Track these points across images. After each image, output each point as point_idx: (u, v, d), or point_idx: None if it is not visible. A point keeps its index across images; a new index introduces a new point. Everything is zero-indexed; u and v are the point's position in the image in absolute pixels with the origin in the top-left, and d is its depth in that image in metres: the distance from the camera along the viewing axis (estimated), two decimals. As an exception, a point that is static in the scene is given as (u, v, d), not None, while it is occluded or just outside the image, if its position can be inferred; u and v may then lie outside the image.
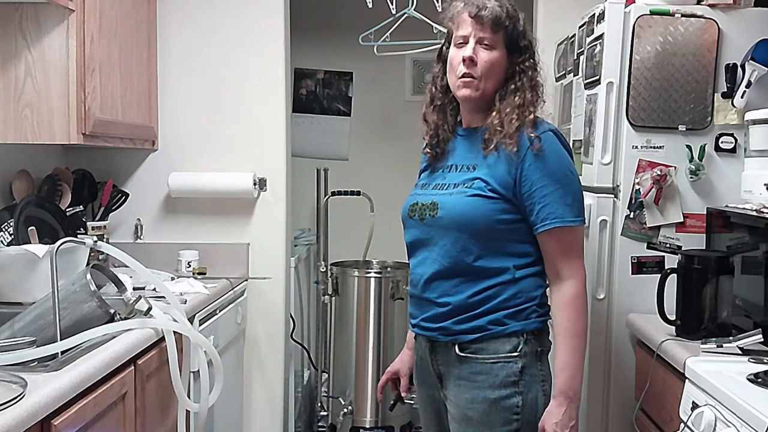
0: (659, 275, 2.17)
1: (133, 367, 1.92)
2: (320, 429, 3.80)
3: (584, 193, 2.45)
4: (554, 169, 1.75)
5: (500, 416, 1.75)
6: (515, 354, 1.75)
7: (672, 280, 2.13)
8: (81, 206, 2.82)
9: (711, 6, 2.31)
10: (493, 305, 1.76)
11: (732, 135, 2.31)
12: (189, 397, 2.20)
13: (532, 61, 1.83)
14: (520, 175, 1.75)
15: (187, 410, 2.20)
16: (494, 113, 1.79)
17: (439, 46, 1.94)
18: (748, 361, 1.83)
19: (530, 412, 1.76)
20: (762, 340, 1.90)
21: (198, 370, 2.26)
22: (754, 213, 2.01)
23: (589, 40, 2.49)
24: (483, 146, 1.80)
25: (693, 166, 2.30)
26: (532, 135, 1.75)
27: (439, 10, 1.89)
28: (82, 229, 2.73)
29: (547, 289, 1.83)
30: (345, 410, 3.58)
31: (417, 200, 1.87)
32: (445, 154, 1.91)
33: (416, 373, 1.98)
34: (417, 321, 1.87)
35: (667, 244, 2.35)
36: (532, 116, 1.77)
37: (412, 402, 1.98)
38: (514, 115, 1.76)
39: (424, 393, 1.96)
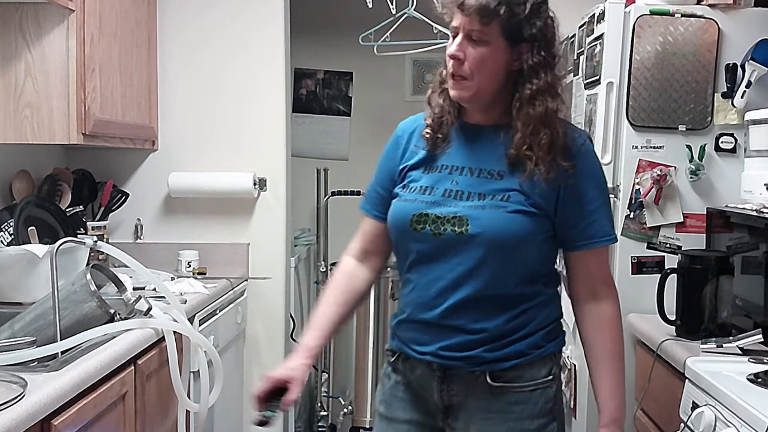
0: (659, 275, 2.17)
1: (133, 367, 1.92)
2: (320, 429, 3.80)
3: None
4: (601, 182, 1.59)
5: None
6: (550, 378, 1.59)
7: (672, 280, 2.13)
8: (81, 206, 2.82)
9: (711, 6, 2.31)
10: (531, 328, 1.58)
11: (732, 135, 2.31)
12: (189, 397, 2.20)
13: (543, 53, 1.52)
14: (566, 187, 1.54)
15: (187, 410, 2.21)
16: (516, 131, 1.53)
17: None
18: (748, 361, 1.83)
19: None
20: (762, 340, 1.90)
21: (198, 370, 2.26)
22: (754, 213, 2.01)
23: (589, 40, 2.49)
24: (532, 162, 1.52)
25: (693, 166, 2.30)
26: (577, 143, 1.56)
27: (440, 9, 1.70)
28: (82, 229, 2.72)
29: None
30: (345, 410, 3.58)
31: (426, 210, 1.57)
32: (443, 150, 1.63)
33: (394, 397, 1.68)
34: (431, 349, 1.58)
35: (667, 244, 2.35)
36: (562, 128, 1.55)
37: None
38: (542, 136, 1.51)
39: (407, 420, 1.66)
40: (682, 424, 1.77)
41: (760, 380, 1.66)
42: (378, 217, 1.69)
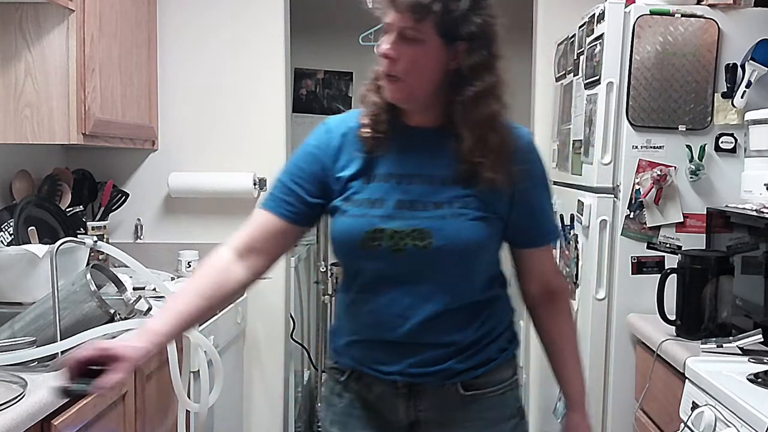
0: (659, 275, 2.17)
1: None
2: (320, 429, 3.79)
3: (584, 192, 2.48)
4: (547, 181, 1.56)
5: None
6: (515, 376, 1.59)
7: (672, 280, 2.13)
8: (81, 206, 2.82)
9: (711, 6, 2.31)
10: (496, 332, 1.55)
11: (732, 135, 2.31)
12: (189, 397, 2.20)
13: (484, 53, 1.41)
14: (519, 190, 1.49)
15: (187, 410, 2.20)
16: (462, 136, 1.44)
17: None
18: (748, 361, 1.83)
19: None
20: (762, 340, 1.90)
21: (198, 370, 2.26)
22: (754, 213, 2.01)
23: (589, 40, 2.49)
24: (482, 170, 1.44)
25: (693, 166, 2.30)
26: (525, 145, 1.51)
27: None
28: (82, 229, 2.73)
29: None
30: (345, 410, 3.57)
31: (380, 225, 1.44)
32: (380, 156, 1.49)
33: (350, 415, 1.58)
34: (398, 369, 1.50)
35: (667, 244, 2.35)
36: (508, 132, 1.46)
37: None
38: (491, 140, 1.43)
39: None
40: (682, 424, 1.77)
41: (760, 380, 1.66)
42: (284, 216, 1.51)
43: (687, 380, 1.83)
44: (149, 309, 2.06)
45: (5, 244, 2.36)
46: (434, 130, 1.48)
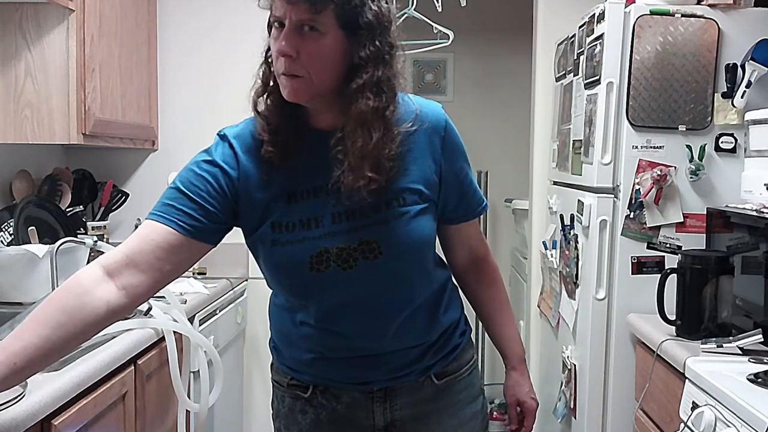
0: (659, 275, 2.17)
1: (133, 367, 1.92)
2: None
3: (584, 192, 2.48)
4: (465, 154, 1.48)
5: (484, 423, 1.62)
6: (474, 356, 1.61)
7: (672, 280, 2.13)
8: (81, 206, 2.82)
9: (711, 6, 2.31)
10: (456, 316, 1.56)
11: (732, 135, 2.31)
12: (189, 397, 2.20)
13: (377, 44, 1.31)
14: (443, 170, 1.42)
15: (187, 410, 2.21)
16: (338, 117, 1.34)
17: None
18: (748, 361, 1.83)
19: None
20: (762, 340, 1.90)
21: (198, 370, 2.27)
22: (754, 213, 2.01)
23: (589, 40, 2.49)
24: (349, 175, 1.31)
25: (693, 166, 2.30)
26: (436, 119, 1.41)
27: (439, 10, 1.60)
28: (82, 229, 2.73)
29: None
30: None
31: (323, 246, 1.35)
32: (292, 167, 1.38)
33: (319, 429, 1.51)
34: (374, 377, 1.47)
35: (667, 244, 2.35)
36: (393, 127, 1.33)
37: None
38: (365, 135, 1.30)
39: None
40: (682, 424, 1.77)
41: (760, 380, 1.66)
42: (180, 228, 1.35)
43: (687, 380, 1.83)
44: (149, 309, 2.06)
45: (5, 244, 2.36)
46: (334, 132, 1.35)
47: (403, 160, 1.36)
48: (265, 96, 1.41)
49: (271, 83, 1.39)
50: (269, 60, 1.39)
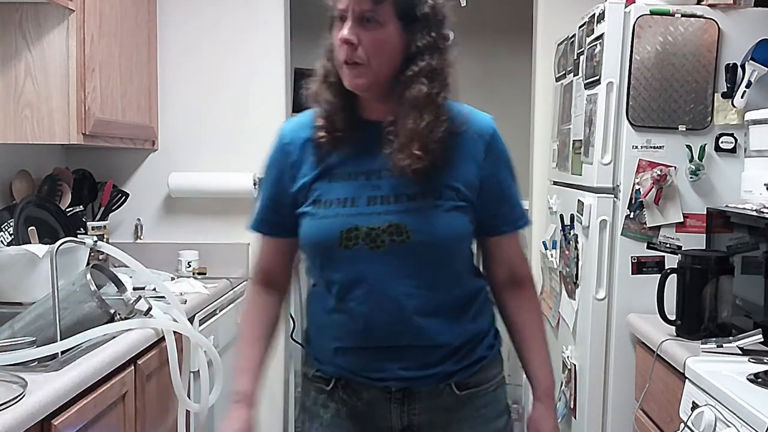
0: (659, 275, 2.17)
1: (133, 367, 1.92)
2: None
3: (584, 192, 2.48)
4: (510, 165, 1.52)
5: None
6: (502, 373, 1.58)
7: (672, 280, 2.13)
8: (81, 206, 2.82)
9: (711, 6, 2.31)
10: (486, 328, 1.55)
11: (732, 135, 2.31)
12: (189, 397, 2.20)
13: (433, 35, 1.40)
14: (487, 175, 1.46)
15: (187, 410, 2.20)
16: (391, 107, 1.42)
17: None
18: (748, 361, 1.83)
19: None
20: (762, 340, 1.90)
21: (198, 370, 2.26)
22: (754, 213, 2.01)
23: (589, 40, 2.49)
24: (397, 155, 1.40)
25: (693, 166, 2.30)
26: (484, 126, 1.48)
27: None
28: (82, 229, 2.73)
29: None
30: (345, 410, 3.57)
31: (354, 223, 1.42)
32: (344, 154, 1.47)
33: (338, 426, 1.53)
34: (390, 374, 1.47)
35: (667, 244, 2.35)
36: (444, 113, 1.41)
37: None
38: (417, 119, 1.39)
39: None
40: (682, 424, 1.77)
41: (760, 380, 1.66)
42: (280, 235, 1.56)
43: (687, 380, 1.83)
44: (149, 309, 2.06)
45: (5, 244, 2.36)
46: (386, 122, 1.43)
47: (447, 157, 1.42)
48: (323, 87, 1.49)
49: (330, 77, 1.48)
50: (329, 54, 1.48)
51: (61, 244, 1.93)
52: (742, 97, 2.26)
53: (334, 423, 1.52)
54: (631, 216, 2.34)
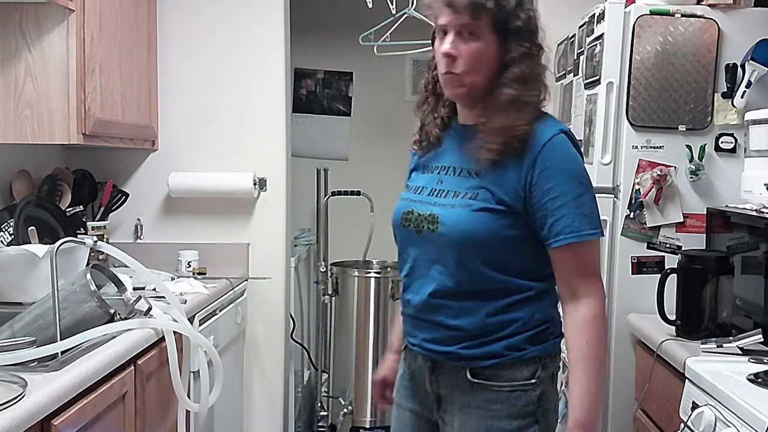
0: (659, 275, 2.17)
1: (133, 367, 1.92)
2: (320, 429, 3.80)
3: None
4: (568, 177, 1.53)
5: None
6: (533, 381, 1.58)
7: (672, 280, 2.13)
8: (81, 206, 2.82)
9: (711, 6, 2.31)
10: (512, 329, 1.57)
11: (732, 135, 2.31)
12: (189, 397, 2.20)
13: (526, 46, 1.54)
14: (530, 184, 1.52)
15: (187, 410, 2.20)
16: (486, 113, 1.56)
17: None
18: (748, 361, 1.83)
19: None
20: (762, 340, 1.90)
21: (198, 370, 2.26)
22: (754, 213, 2.01)
23: (589, 40, 2.49)
24: (477, 150, 1.55)
25: (693, 166, 2.30)
26: (535, 140, 1.53)
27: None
28: (82, 229, 2.72)
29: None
30: (345, 410, 3.58)
31: (412, 208, 1.63)
32: (437, 152, 1.68)
33: (402, 385, 1.75)
34: (417, 341, 1.65)
35: (667, 244, 2.35)
36: (528, 116, 1.53)
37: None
38: (508, 119, 1.52)
39: (410, 409, 1.73)
40: (682, 424, 1.77)
41: (760, 380, 1.66)
42: None
43: (687, 380, 1.83)
44: (149, 309, 2.05)
45: (5, 244, 2.36)
46: (476, 126, 1.59)
47: (503, 161, 1.54)
48: (423, 99, 1.71)
49: (431, 87, 1.69)
50: (431, 67, 1.67)
51: (61, 244, 1.93)
52: (742, 97, 2.26)
53: (401, 379, 1.76)
54: (631, 216, 2.34)
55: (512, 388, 1.57)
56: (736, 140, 2.30)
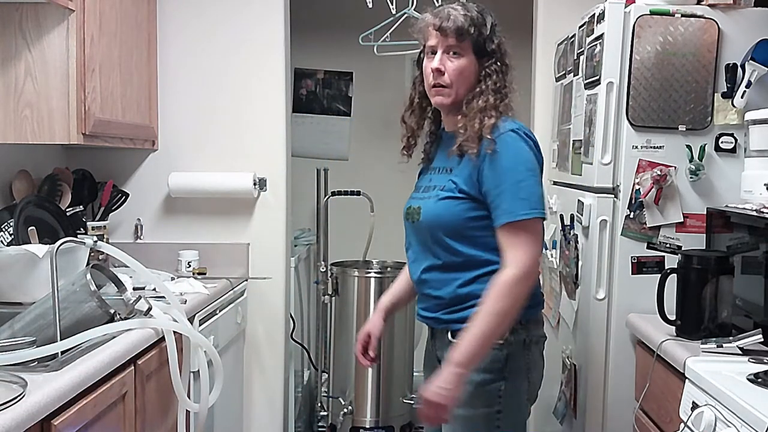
0: (659, 275, 2.17)
1: (133, 367, 1.92)
2: (320, 429, 3.80)
3: (584, 192, 2.48)
4: (507, 167, 1.81)
5: (484, 398, 1.86)
6: (500, 342, 1.83)
7: (672, 280, 2.13)
8: (81, 206, 2.82)
9: (711, 6, 2.31)
10: (478, 297, 1.81)
11: (732, 135, 2.31)
12: (189, 397, 2.20)
13: (498, 64, 1.89)
14: (481, 174, 1.83)
15: (187, 410, 2.21)
16: (459, 117, 1.88)
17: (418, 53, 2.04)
18: (748, 361, 1.83)
19: (513, 396, 1.88)
20: (762, 340, 1.90)
21: (198, 370, 2.26)
22: (754, 213, 2.01)
23: (589, 40, 2.49)
24: (451, 149, 1.89)
25: (693, 166, 2.30)
26: (489, 137, 1.82)
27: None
28: (82, 229, 2.73)
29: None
30: (345, 410, 3.58)
31: (410, 204, 1.99)
32: (433, 157, 2.05)
33: (424, 356, 2.12)
34: (418, 310, 2.02)
35: (667, 244, 2.35)
36: (493, 120, 1.83)
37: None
38: (476, 120, 1.84)
39: (427, 376, 2.02)
40: (682, 424, 1.77)
41: (760, 380, 1.66)
42: None
43: (687, 380, 1.83)
44: (149, 309, 2.06)
45: (5, 244, 2.36)
46: (455, 131, 1.91)
47: (464, 159, 1.87)
48: (409, 112, 2.06)
49: (415, 105, 2.05)
50: (416, 86, 2.04)
51: (61, 244, 1.93)
52: (742, 97, 2.26)
53: (425, 348, 2.10)
54: (631, 216, 2.34)
55: None
56: (736, 140, 2.30)
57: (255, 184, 3.04)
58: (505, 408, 1.87)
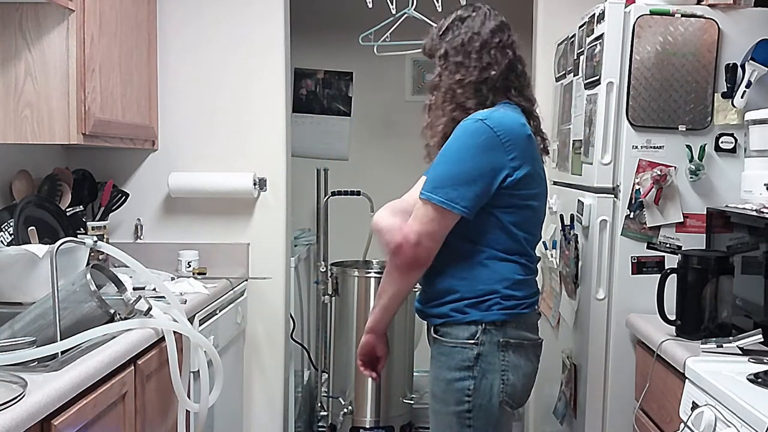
0: (659, 275, 2.17)
1: (133, 367, 1.92)
2: (320, 429, 3.80)
3: (584, 192, 2.48)
4: (444, 151, 1.90)
5: (454, 396, 1.90)
6: (472, 341, 1.88)
7: (672, 280, 2.13)
8: (81, 206, 2.82)
9: (711, 6, 2.31)
10: (458, 295, 1.90)
11: (732, 135, 2.31)
12: (189, 397, 2.20)
13: (440, 68, 2.01)
14: None
15: (187, 410, 2.21)
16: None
17: None
18: (748, 361, 1.83)
19: (483, 396, 1.88)
20: (762, 340, 1.90)
21: (198, 370, 2.26)
22: (754, 213, 2.01)
23: (589, 40, 2.49)
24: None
25: (693, 166, 2.30)
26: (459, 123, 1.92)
27: (439, 10, 1.91)
28: (82, 229, 2.73)
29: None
30: (345, 410, 3.58)
31: None
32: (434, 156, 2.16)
33: None
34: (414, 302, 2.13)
35: (667, 244, 2.35)
36: (447, 116, 1.95)
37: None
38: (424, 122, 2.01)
39: None
40: (682, 424, 1.77)
41: (760, 380, 1.66)
42: None
43: (687, 380, 1.83)
44: (149, 309, 2.06)
45: (5, 244, 2.36)
46: None
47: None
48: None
49: None
50: None
51: (61, 244, 1.93)
52: (742, 97, 2.26)
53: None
54: (631, 216, 2.34)
55: (455, 344, 1.89)
56: (736, 140, 2.30)
57: (255, 184, 3.04)
58: (474, 408, 1.88)
